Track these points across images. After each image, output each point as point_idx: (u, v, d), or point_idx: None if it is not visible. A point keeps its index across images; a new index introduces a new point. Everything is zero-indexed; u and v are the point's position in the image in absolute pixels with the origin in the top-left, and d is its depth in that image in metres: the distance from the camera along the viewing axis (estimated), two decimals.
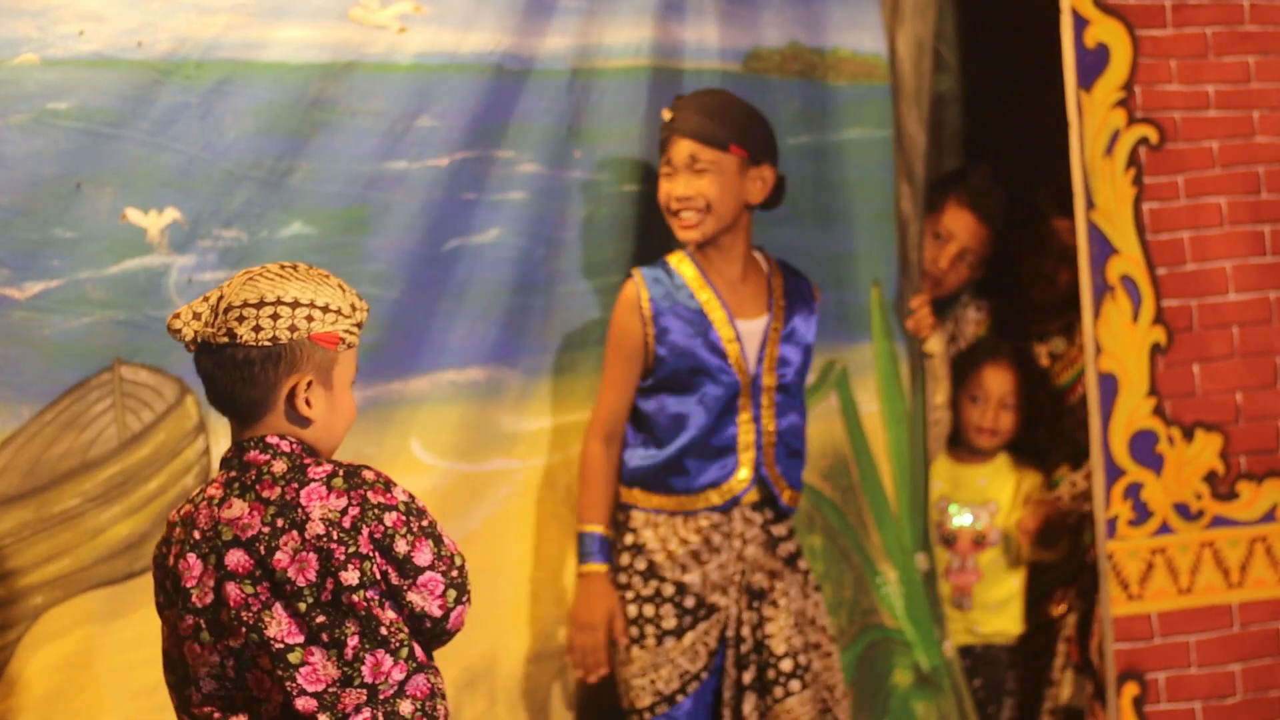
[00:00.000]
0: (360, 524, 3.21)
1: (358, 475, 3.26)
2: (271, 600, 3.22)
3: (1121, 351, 4.68)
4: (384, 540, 3.22)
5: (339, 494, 3.23)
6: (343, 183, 4.33)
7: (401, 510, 3.25)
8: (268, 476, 3.26)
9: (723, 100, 4.58)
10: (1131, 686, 4.69)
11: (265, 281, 3.28)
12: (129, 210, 4.10)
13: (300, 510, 3.22)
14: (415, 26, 4.40)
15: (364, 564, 3.21)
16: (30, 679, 4.00)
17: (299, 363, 3.28)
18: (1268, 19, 4.74)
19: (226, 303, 3.26)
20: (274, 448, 3.29)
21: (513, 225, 4.60)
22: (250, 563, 3.22)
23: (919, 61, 5.16)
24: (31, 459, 4.01)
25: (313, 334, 3.28)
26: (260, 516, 3.23)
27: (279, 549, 3.21)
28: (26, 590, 3.99)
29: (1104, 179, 4.65)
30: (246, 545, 3.23)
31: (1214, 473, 4.74)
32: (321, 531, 3.20)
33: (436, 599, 3.28)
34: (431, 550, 3.27)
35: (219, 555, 3.25)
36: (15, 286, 3.99)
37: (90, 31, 4.04)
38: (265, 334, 3.24)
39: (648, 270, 4.62)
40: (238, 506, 3.25)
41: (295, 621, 3.22)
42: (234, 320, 3.25)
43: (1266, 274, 4.76)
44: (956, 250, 5.39)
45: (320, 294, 3.30)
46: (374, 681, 3.24)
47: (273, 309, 3.25)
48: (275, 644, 3.21)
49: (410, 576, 3.26)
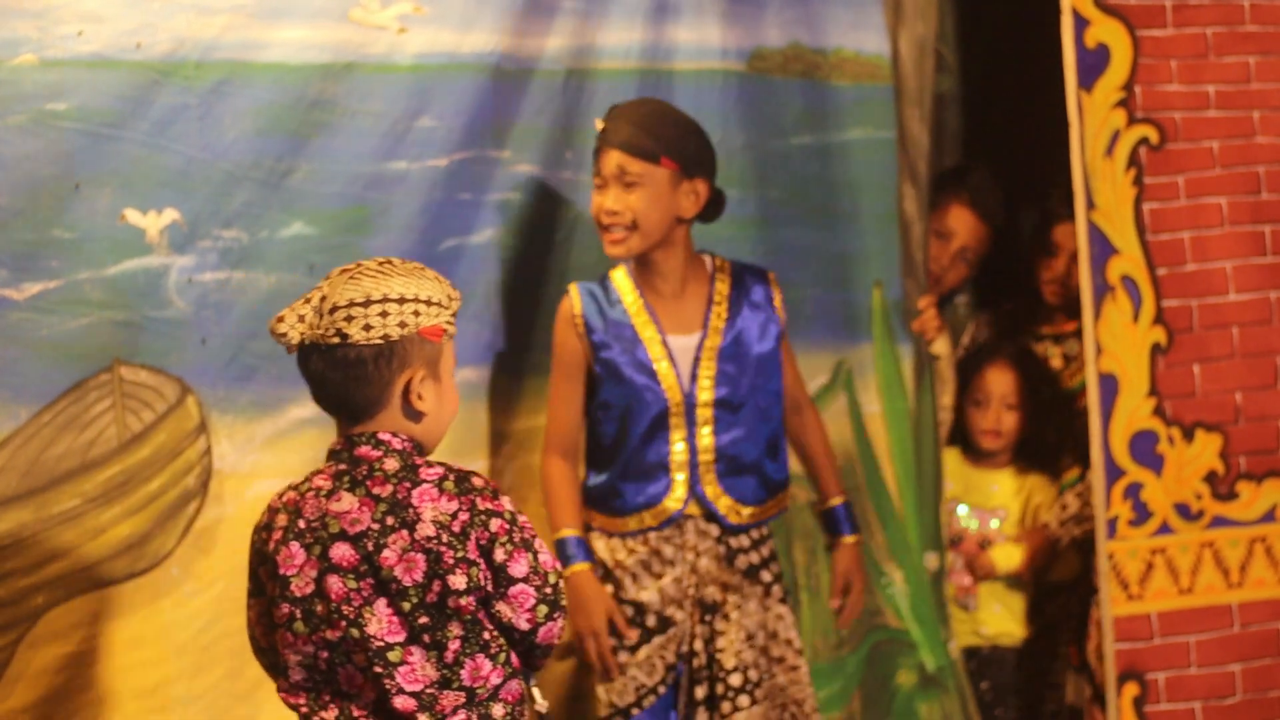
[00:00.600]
0: (469, 529, 3.24)
1: (468, 480, 3.29)
2: (374, 597, 3.23)
3: (1122, 352, 4.67)
4: (487, 545, 3.25)
5: (450, 497, 3.25)
6: (342, 183, 4.34)
7: (506, 519, 3.28)
8: (379, 473, 3.28)
9: (656, 110, 4.47)
10: (1131, 687, 4.68)
11: (368, 279, 3.29)
12: (128, 211, 4.11)
13: (412, 510, 3.24)
14: (415, 27, 4.41)
15: (471, 569, 3.23)
16: (31, 679, 4.00)
17: (410, 358, 3.31)
18: (1268, 19, 4.74)
19: (331, 303, 3.27)
20: (386, 444, 3.31)
21: (509, 225, 4.61)
22: (356, 557, 3.24)
23: (921, 62, 5.15)
24: (30, 460, 4.01)
25: (420, 328, 3.30)
26: (370, 513, 3.25)
27: (387, 546, 3.23)
28: (27, 591, 3.99)
29: (1104, 179, 4.65)
30: (354, 540, 3.24)
31: (1214, 473, 4.74)
32: (432, 534, 3.22)
33: (525, 612, 3.30)
34: (528, 563, 3.29)
35: (324, 547, 3.26)
36: (14, 287, 3.99)
37: (89, 32, 4.04)
38: (376, 332, 3.26)
39: (584, 285, 4.53)
40: (347, 500, 3.27)
41: (398, 620, 3.23)
42: (342, 320, 3.26)
43: (1267, 274, 4.75)
44: (957, 248, 5.40)
45: (422, 288, 3.32)
46: (473, 685, 3.27)
47: (380, 306, 3.27)
48: (375, 641, 3.23)
49: (503, 586, 3.28)
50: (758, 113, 4.91)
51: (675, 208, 4.43)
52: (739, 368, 4.51)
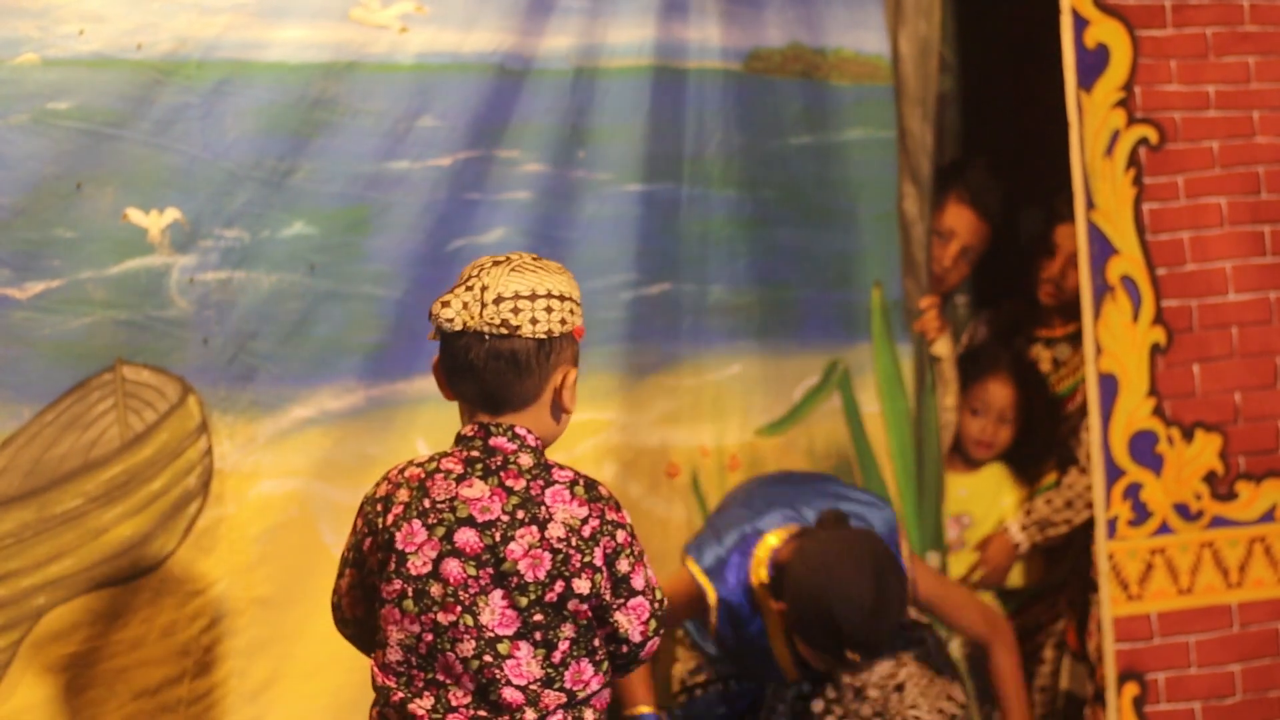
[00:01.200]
0: (598, 536, 3.25)
1: (596, 489, 3.32)
2: (491, 587, 3.24)
3: (1121, 352, 4.67)
4: (612, 555, 3.27)
5: (581, 503, 3.27)
6: (344, 183, 4.33)
7: (628, 531, 3.31)
8: (513, 466, 3.29)
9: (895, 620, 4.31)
10: (1131, 687, 4.68)
11: (530, 274, 3.32)
12: (130, 210, 4.10)
13: (544, 509, 3.25)
14: (417, 26, 4.40)
15: (595, 576, 3.25)
16: (33, 680, 3.99)
17: (564, 355, 3.36)
18: (1268, 19, 4.74)
19: (495, 293, 3.28)
20: (522, 440, 3.32)
21: (516, 225, 4.60)
22: (480, 545, 3.24)
23: (924, 61, 5.15)
24: (32, 459, 4.00)
25: (575, 327, 3.36)
26: (501, 503, 3.26)
27: (514, 540, 3.24)
28: (29, 590, 3.98)
29: (1104, 179, 4.65)
30: (481, 528, 3.25)
31: (1213, 473, 4.74)
32: (562, 535, 3.24)
33: (641, 624, 3.32)
34: (645, 577, 3.32)
35: (449, 530, 3.27)
36: (16, 286, 3.99)
37: (91, 31, 4.04)
38: (541, 326, 3.29)
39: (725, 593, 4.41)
40: (479, 487, 3.28)
41: (513, 613, 3.24)
42: (509, 311, 3.28)
43: (1266, 274, 4.76)
44: (957, 248, 5.40)
45: (573, 288, 3.37)
46: (574, 687, 3.28)
47: (545, 301, 3.30)
48: (487, 631, 3.23)
49: (623, 596, 3.29)
50: (757, 112, 4.91)
51: None
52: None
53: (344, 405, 4.35)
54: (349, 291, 4.32)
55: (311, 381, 4.31)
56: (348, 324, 4.31)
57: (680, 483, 4.93)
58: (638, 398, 4.86)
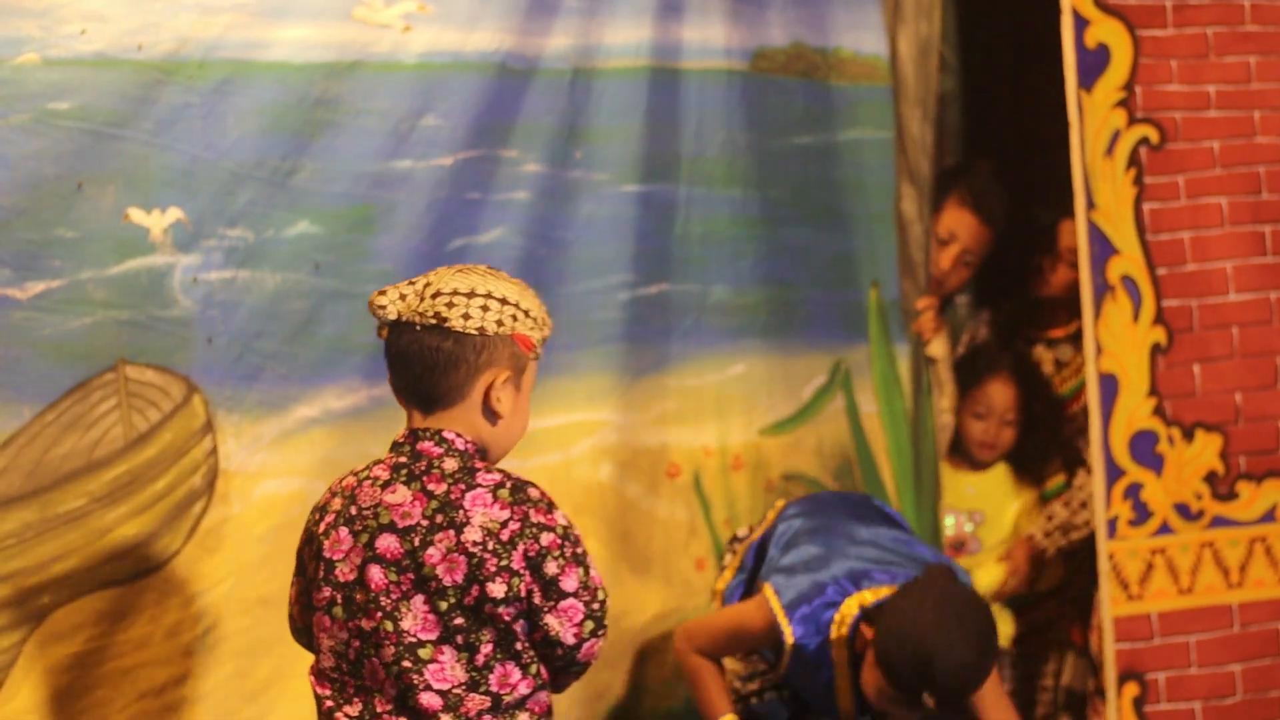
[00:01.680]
0: (517, 540, 3.24)
1: (524, 491, 3.30)
2: (413, 592, 3.24)
3: (1122, 352, 4.68)
4: (536, 559, 3.25)
5: (503, 505, 3.26)
6: (347, 182, 4.33)
7: (559, 534, 3.29)
8: (437, 470, 3.29)
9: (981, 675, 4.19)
10: (1131, 686, 4.69)
11: (476, 276, 3.34)
12: (131, 210, 4.10)
13: (462, 512, 3.24)
14: (419, 25, 4.40)
15: (512, 580, 3.23)
16: (37, 680, 3.98)
17: (498, 358, 3.33)
18: (1268, 19, 4.75)
19: (435, 289, 3.30)
20: (449, 443, 3.33)
21: (515, 225, 4.60)
22: (400, 551, 3.25)
23: (924, 61, 5.16)
24: (35, 459, 3.99)
25: (515, 332, 3.33)
26: (422, 508, 3.26)
27: (432, 544, 3.23)
28: (33, 591, 3.98)
29: (1104, 179, 4.66)
30: (401, 533, 3.25)
31: (1214, 473, 4.75)
32: (478, 539, 3.23)
33: (573, 626, 3.30)
34: (579, 578, 3.30)
35: (372, 536, 3.27)
36: (17, 287, 3.98)
37: (92, 31, 4.03)
38: (474, 323, 3.29)
39: (804, 642, 4.31)
40: (402, 493, 3.28)
41: (433, 618, 3.24)
42: (443, 305, 3.29)
43: (1267, 274, 4.76)
44: (958, 251, 5.39)
45: (524, 299, 3.36)
46: (500, 691, 3.27)
47: (483, 300, 3.31)
48: (408, 636, 3.24)
49: (553, 599, 3.28)
50: (760, 112, 4.91)
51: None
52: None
53: (348, 405, 4.34)
54: (353, 291, 4.31)
55: (316, 381, 4.31)
56: (352, 323, 4.30)
57: (681, 483, 4.93)
58: (636, 398, 4.85)
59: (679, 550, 4.77)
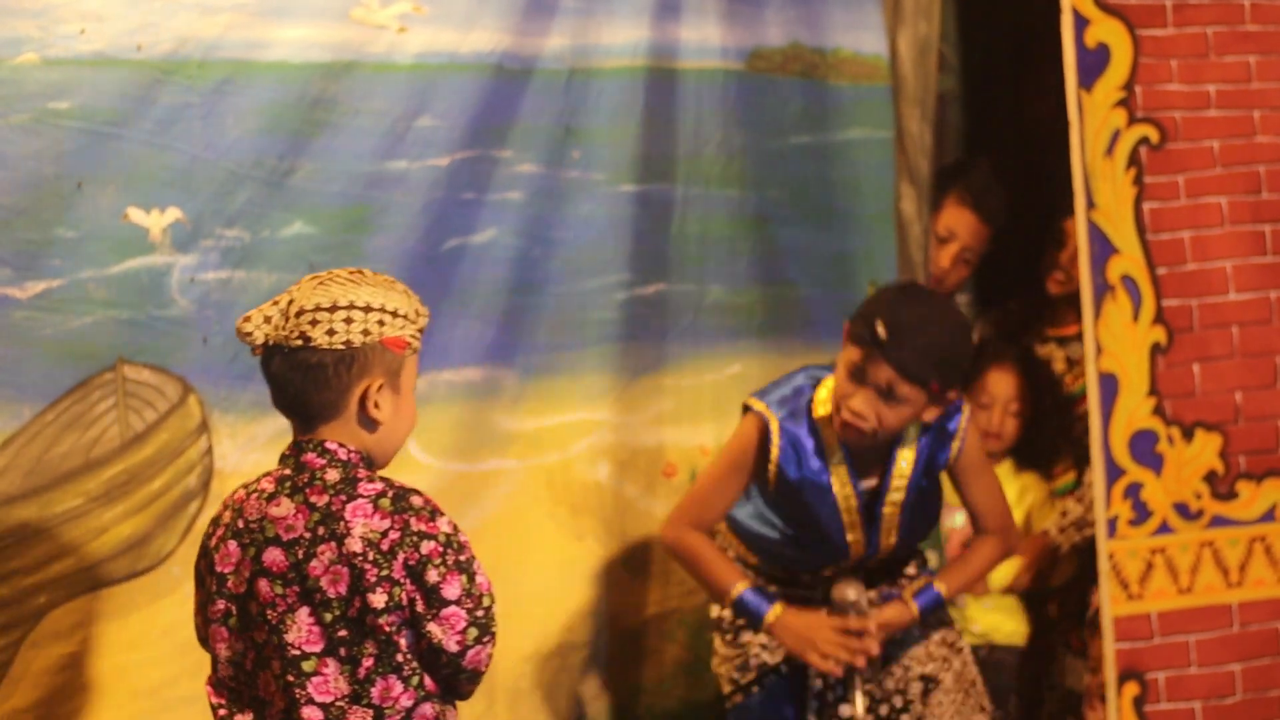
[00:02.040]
0: (397, 549, 3.22)
1: (405, 499, 3.26)
2: (298, 605, 3.23)
3: (1122, 351, 4.67)
4: (417, 567, 3.23)
5: (384, 515, 3.23)
6: (344, 182, 4.34)
7: (440, 541, 3.25)
8: (319, 482, 3.27)
9: (941, 338, 4.26)
10: (1131, 686, 4.68)
11: (336, 286, 3.28)
12: (131, 210, 4.11)
13: (343, 523, 3.22)
14: (416, 26, 4.41)
15: (393, 589, 3.21)
16: (33, 679, 4.00)
17: (370, 366, 3.29)
18: (1268, 19, 4.74)
19: (298, 306, 3.27)
20: (332, 454, 3.31)
21: (511, 225, 4.61)
22: (285, 564, 3.24)
23: (923, 61, 5.15)
24: (33, 459, 4.01)
25: (384, 338, 3.29)
26: (305, 521, 3.24)
27: (315, 556, 3.22)
28: (30, 590, 3.99)
29: (1105, 179, 4.65)
30: (286, 546, 3.24)
31: (1214, 472, 4.74)
32: (359, 550, 3.21)
33: (456, 634, 3.27)
34: (462, 586, 3.27)
35: (259, 549, 3.26)
36: (17, 286, 4.00)
37: (91, 31, 4.05)
38: (339, 337, 3.25)
39: (786, 429, 4.37)
40: (285, 506, 3.27)
41: (318, 630, 3.22)
42: (307, 324, 3.25)
43: (1267, 274, 4.75)
44: (958, 249, 5.38)
45: (389, 299, 3.31)
46: (381, 704, 3.25)
47: (346, 313, 3.25)
48: (292, 649, 3.22)
49: (435, 607, 3.25)
50: (757, 112, 4.92)
51: (922, 415, 4.33)
52: (916, 516, 4.49)
53: None
54: None
55: None
56: None
57: (677, 482, 4.93)
58: (633, 398, 4.86)
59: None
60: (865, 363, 4.22)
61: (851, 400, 4.26)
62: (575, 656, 4.76)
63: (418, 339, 3.36)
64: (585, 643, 4.82)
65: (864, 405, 4.25)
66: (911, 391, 4.22)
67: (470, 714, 4.62)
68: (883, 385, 4.22)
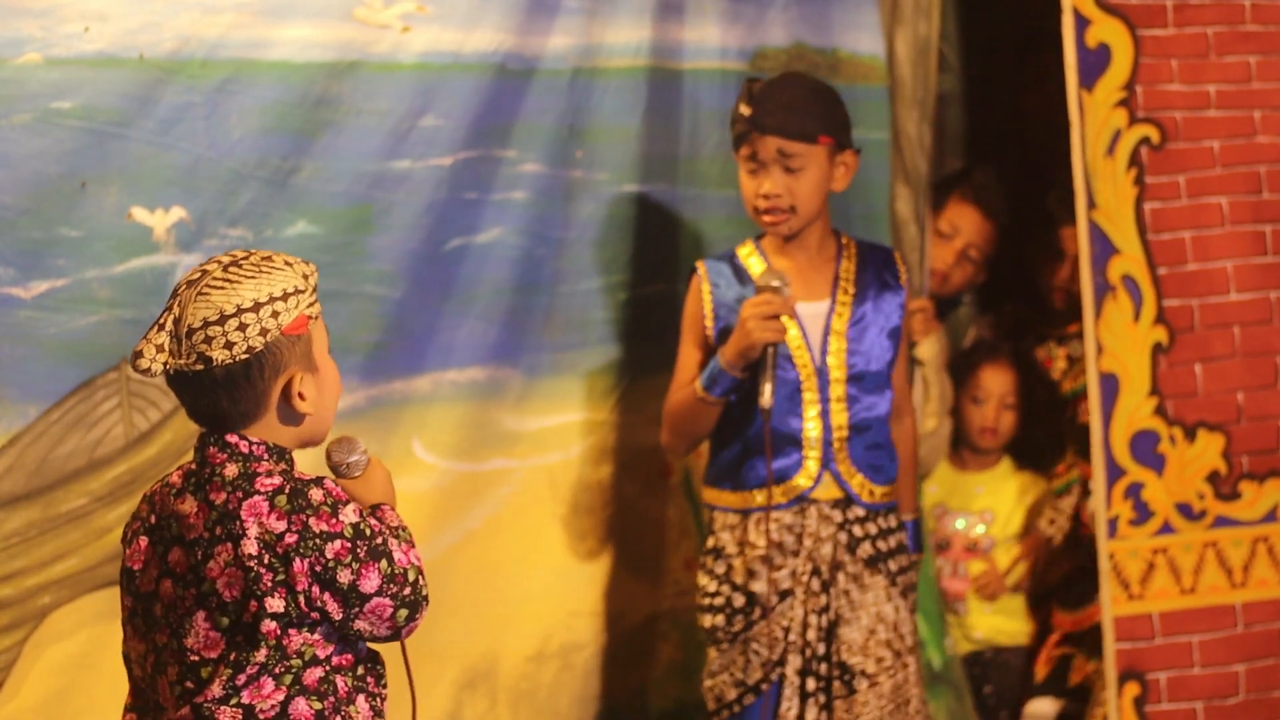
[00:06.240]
0: (292, 554, 3.00)
1: (304, 496, 3.03)
2: (195, 608, 3.04)
3: (1123, 351, 4.68)
4: (325, 574, 3.01)
5: (280, 515, 3.01)
6: (347, 182, 4.34)
7: (346, 536, 3.02)
8: (218, 479, 3.06)
9: (806, 90, 4.35)
10: (1132, 686, 4.68)
11: (216, 293, 3.03)
12: (135, 209, 4.11)
13: (239, 524, 3.01)
14: (419, 26, 4.41)
15: (296, 596, 3.01)
16: (37, 679, 4.00)
17: (282, 362, 3.07)
18: (1269, 19, 4.74)
19: (185, 325, 3.03)
20: (232, 447, 3.08)
21: (514, 225, 4.61)
22: (186, 564, 3.06)
23: (922, 62, 5.16)
24: (38, 458, 4.01)
25: (284, 328, 3.05)
26: (204, 520, 3.05)
27: (213, 558, 3.02)
28: (34, 590, 3.99)
29: (1105, 179, 4.66)
30: (187, 545, 3.05)
31: (1216, 473, 4.74)
32: (254, 552, 3.00)
33: (385, 623, 3.08)
34: (380, 572, 3.05)
35: (166, 548, 3.09)
36: (21, 286, 3.99)
37: (95, 30, 4.04)
38: (239, 348, 3.01)
39: (712, 263, 4.44)
40: (189, 503, 3.07)
41: (216, 634, 3.04)
42: (201, 343, 3.01)
43: (1268, 274, 4.76)
44: (961, 246, 5.38)
45: (274, 284, 3.05)
46: (251, 701, 3.04)
47: (236, 319, 3.01)
48: (189, 655, 3.05)
49: (356, 605, 3.04)
50: None
51: (830, 182, 4.36)
52: (867, 343, 4.42)
53: (345, 405, 4.25)
54: (352, 291, 4.33)
55: None
56: (350, 323, 4.31)
57: (675, 483, 4.94)
58: (634, 398, 4.86)
59: (671, 550, 4.78)
60: (752, 149, 4.31)
61: (760, 188, 4.32)
62: (577, 656, 4.76)
63: (316, 304, 3.13)
64: (587, 642, 4.81)
65: (771, 184, 4.31)
66: (803, 149, 4.29)
67: (471, 714, 4.61)
68: (775, 156, 4.29)
